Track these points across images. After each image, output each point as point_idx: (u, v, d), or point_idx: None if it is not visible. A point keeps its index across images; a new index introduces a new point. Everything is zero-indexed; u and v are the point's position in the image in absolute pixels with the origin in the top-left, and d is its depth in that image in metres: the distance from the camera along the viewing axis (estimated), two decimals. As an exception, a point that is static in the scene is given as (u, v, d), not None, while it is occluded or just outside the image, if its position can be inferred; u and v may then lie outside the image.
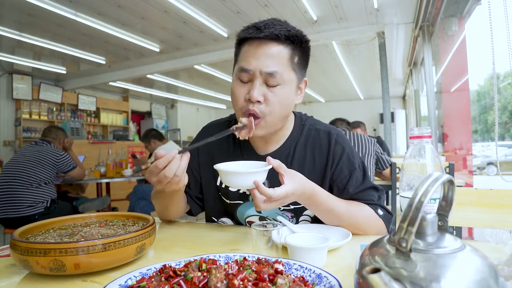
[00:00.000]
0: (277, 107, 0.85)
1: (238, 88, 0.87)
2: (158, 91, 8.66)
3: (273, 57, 0.83)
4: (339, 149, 0.95)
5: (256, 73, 0.83)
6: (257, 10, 4.01)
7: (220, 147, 1.04)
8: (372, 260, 0.41)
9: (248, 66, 0.84)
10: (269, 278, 0.49)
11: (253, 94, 0.82)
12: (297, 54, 0.87)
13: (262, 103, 0.84)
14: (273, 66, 0.83)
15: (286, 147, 0.98)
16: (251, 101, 0.84)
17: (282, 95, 0.85)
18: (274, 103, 0.84)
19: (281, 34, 0.83)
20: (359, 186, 0.94)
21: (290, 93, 0.87)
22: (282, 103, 0.85)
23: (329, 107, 10.46)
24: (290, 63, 0.85)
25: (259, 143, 0.99)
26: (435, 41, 4.20)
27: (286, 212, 0.98)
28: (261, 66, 0.83)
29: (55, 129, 3.30)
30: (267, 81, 0.84)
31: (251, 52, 0.85)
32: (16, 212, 2.64)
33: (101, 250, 0.61)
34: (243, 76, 0.85)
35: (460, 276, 0.36)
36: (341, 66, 6.53)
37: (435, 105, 4.26)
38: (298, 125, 1.00)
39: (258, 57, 0.83)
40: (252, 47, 0.85)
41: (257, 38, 0.84)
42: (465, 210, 1.05)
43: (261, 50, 0.83)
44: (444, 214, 0.46)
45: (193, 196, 1.07)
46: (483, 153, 6.35)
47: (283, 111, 0.87)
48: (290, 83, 0.86)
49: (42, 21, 4.14)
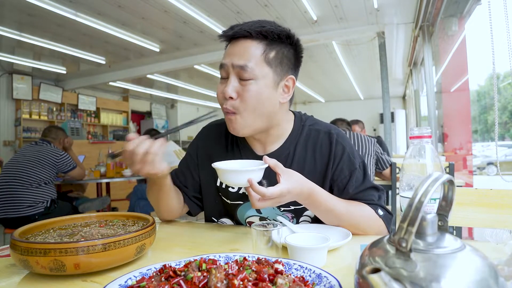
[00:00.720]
0: (251, 102, 0.85)
1: (219, 86, 0.89)
2: (158, 91, 8.65)
3: (244, 52, 0.85)
4: (339, 149, 0.95)
5: (229, 68, 0.86)
6: (257, 10, 4.01)
7: (219, 149, 1.04)
8: (372, 260, 0.41)
9: (223, 61, 0.87)
10: (269, 278, 0.49)
11: (227, 90, 0.84)
12: (274, 49, 0.87)
13: (235, 99, 0.85)
14: (243, 59, 0.84)
15: (285, 147, 0.97)
16: (225, 98, 0.86)
17: (254, 90, 0.84)
18: (247, 98, 0.84)
19: (252, 30, 0.85)
20: (360, 186, 0.93)
21: (265, 89, 0.86)
22: (256, 98, 0.85)
23: (329, 107, 10.46)
24: (263, 58, 0.85)
25: (256, 144, 0.99)
26: (435, 41, 4.20)
27: (287, 212, 0.98)
28: (233, 60, 0.85)
29: (55, 129, 3.30)
30: (240, 76, 0.85)
31: (227, 50, 0.89)
32: (16, 212, 2.64)
33: (101, 250, 0.61)
34: (221, 72, 0.89)
35: (460, 276, 0.36)
36: (341, 66, 6.53)
37: (435, 105, 4.26)
38: (298, 126, 0.99)
39: (231, 53, 0.87)
40: (229, 45, 0.90)
41: (229, 36, 0.88)
42: (465, 210, 1.05)
43: (234, 47, 0.87)
44: (444, 214, 0.46)
45: (190, 196, 1.07)
46: (483, 153, 6.35)
47: (260, 107, 0.86)
48: (264, 78, 0.85)
49: (42, 21, 4.13)
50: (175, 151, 3.87)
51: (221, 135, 1.05)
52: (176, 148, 3.94)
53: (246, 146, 1.01)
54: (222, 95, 0.86)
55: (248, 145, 1.01)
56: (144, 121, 9.38)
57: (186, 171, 1.08)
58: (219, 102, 0.89)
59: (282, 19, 4.30)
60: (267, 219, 0.99)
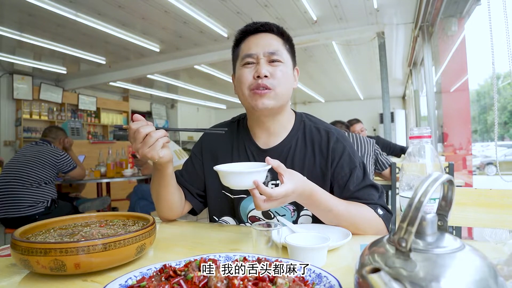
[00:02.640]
0: (282, 80, 0.96)
1: (245, 71, 0.98)
2: (158, 91, 8.66)
3: (272, 42, 0.99)
4: (340, 147, 0.98)
5: (259, 55, 0.97)
6: (257, 10, 4.01)
7: (223, 144, 1.09)
8: (372, 260, 0.41)
9: (252, 51, 0.97)
10: (269, 278, 0.49)
11: (261, 70, 0.94)
12: (287, 44, 1.03)
13: (269, 77, 0.95)
14: (273, 46, 0.98)
15: (287, 141, 1.03)
16: (260, 78, 0.95)
17: (284, 71, 0.97)
18: (279, 77, 0.96)
19: (274, 27, 1.01)
20: (360, 183, 0.96)
21: (289, 72, 1.01)
22: (285, 77, 0.97)
23: (329, 107, 10.46)
24: (284, 48, 1.01)
25: (262, 136, 1.05)
26: (435, 41, 4.20)
27: (288, 205, 1.00)
28: (264, 48, 0.97)
29: (55, 129, 3.30)
30: (270, 59, 0.97)
31: (252, 41, 0.99)
32: (17, 212, 2.65)
33: (102, 250, 0.61)
34: (248, 60, 0.98)
35: (460, 275, 0.36)
36: (341, 66, 6.53)
37: (434, 105, 4.26)
38: (299, 122, 1.06)
39: (259, 43, 0.98)
40: (252, 38, 1.00)
41: (255, 30, 1.01)
42: (465, 210, 1.05)
43: (260, 38, 0.99)
44: (444, 214, 0.46)
45: (194, 193, 1.10)
46: (483, 153, 6.35)
47: (287, 85, 0.99)
48: (287, 62, 1.00)
49: (42, 21, 4.14)
50: (175, 151, 3.87)
51: (224, 134, 1.09)
52: (176, 148, 3.94)
53: (251, 141, 1.06)
54: (255, 75, 0.95)
55: (252, 140, 1.06)
56: (144, 121, 9.37)
57: (191, 169, 1.12)
58: (247, 84, 0.97)
59: (282, 19, 4.31)
60: (269, 212, 1.02)
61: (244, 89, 0.97)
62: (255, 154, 1.04)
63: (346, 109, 9.98)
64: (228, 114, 11.54)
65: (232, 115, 1.13)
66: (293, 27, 4.59)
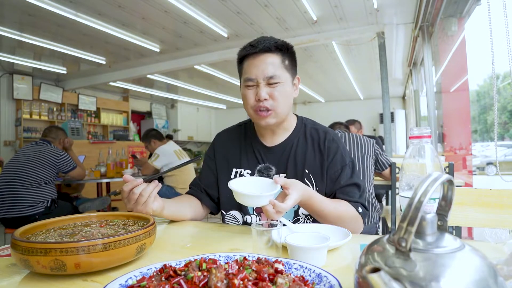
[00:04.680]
0: (281, 100, 1.05)
1: (248, 93, 1.07)
2: (158, 91, 8.65)
3: (270, 64, 1.05)
4: (334, 147, 1.12)
5: (259, 79, 1.04)
6: (257, 10, 4.01)
7: (232, 144, 1.22)
8: (372, 260, 0.41)
9: (252, 75, 1.05)
10: (269, 278, 0.49)
11: (261, 94, 1.03)
12: (286, 58, 1.08)
13: (269, 99, 1.05)
14: (271, 70, 1.04)
15: (290, 140, 1.15)
16: (260, 100, 1.04)
17: (282, 91, 1.05)
18: (278, 97, 1.05)
19: (271, 45, 1.05)
20: (347, 180, 1.09)
21: (288, 89, 1.08)
22: (283, 96, 1.06)
23: (329, 107, 10.46)
24: (282, 65, 1.07)
25: (267, 137, 1.17)
26: (435, 41, 4.20)
27: None
28: (262, 73, 1.04)
29: (55, 129, 3.30)
30: (269, 82, 1.04)
31: (252, 64, 1.06)
32: (17, 212, 2.65)
33: (102, 250, 0.61)
34: (249, 83, 1.06)
35: (460, 275, 0.36)
36: (341, 66, 6.53)
37: (434, 105, 4.26)
38: (300, 124, 1.19)
39: (258, 67, 1.05)
40: (251, 60, 1.07)
41: (254, 53, 1.06)
42: (465, 210, 1.05)
43: (259, 61, 1.05)
44: (444, 214, 0.46)
45: (215, 198, 1.19)
46: (483, 153, 6.35)
47: (286, 102, 1.08)
48: (286, 81, 1.07)
49: (42, 21, 4.14)
50: (175, 151, 3.88)
51: (233, 138, 1.23)
52: (176, 148, 3.94)
53: (257, 140, 1.18)
54: (257, 98, 1.04)
55: (259, 139, 1.18)
56: (144, 121, 9.38)
57: (207, 173, 1.22)
58: (250, 104, 1.07)
59: (282, 19, 4.31)
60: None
61: (248, 108, 1.08)
62: (262, 152, 1.15)
63: (346, 109, 9.97)
64: (228, 114, 11.54)
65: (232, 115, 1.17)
66: (293, 27, 4.59)
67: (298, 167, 1.11)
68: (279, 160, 1.13)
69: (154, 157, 3.71)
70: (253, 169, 1.14)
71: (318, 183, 1.09)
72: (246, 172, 1.15)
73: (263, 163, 1.14)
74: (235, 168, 1.17)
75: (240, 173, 1.16)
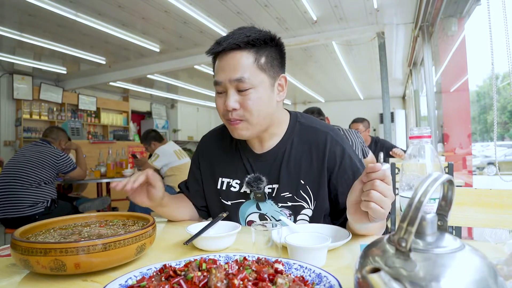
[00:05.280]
0: (254, 109, 0.89)
1: (218, 100, 0.93)
2: (158, 91, 8.65)
3: (237, 65, 0.87)
4: (339, 150, 0.97)
5: (226, 83, 0.88)
6: (257, 10, 4.01)
7: (218, 149, 1.10)
8: (372, 260, 0.41)
9: (219, 78, 0.89)
10: (269, 278, 0.49)
11: (228, 104, 0.88)
12: (263, 55, 0.90)
13: (239, 109, 0.89)
14: (239, 72, 0.87)
15: (282, 144, 1.00)
16: (228, 110, 0.89)
17: (255, 98, 0.88)
18: (250, 106, 0.88)
19: (240, 41, 0.87)
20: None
21: (264, 93, 0.90)
22: (257, 104, 0.89)
23: (329, 107, 10.43)
24: (256, 65, 0.88)
25: (255, 143, 1.03)
26: (435, 41, 4.20)
27: (284, 209, 0.99)
28: (229, 76, 0.87)
29: (56, 129, 3.30)
30: (238, 88, 0.88)
31: (219, 66, 0.90)
32: (17, 212, 2.65)
33: (102, 250, 0.61)
34: (218, 88, 0.91)
35: (460, 275, 0.36)
36: (341, 66, 6.53)
37: (434, 105, 4.25)
38: (293, 123, 1.03)
39: (224, 68, 0.88)
40: (219, 60, 0.91)
41: (219, 51, 0.89)
42: (465, 210, 1.05)
43: (225, 62, 0.89)
44: (444, 214, 0.46)
45: (199, 206, 1.14)
46: (483, 153, 6.35)
47: (263, 110, 0.91)
48: (261, 84, 0.89)
49: (42, 21, 4.14)
50: (175, 151, 3.87)
51: (220, 139, 1.11)
52: (176, 148, 3.94)
53: (245, 146, 1.05)
54: (225, 108, 0.89)
55: (247, 146, 1.05)
56: (144, 121, 9.37)
57: (193, 183, 1.14)
58: (220, 113, 0.93)
59: (282, 19, 4.30)
60: (265, 216, 1.01)
61: (221, 117, 0.94)
62: (250, 160, 1.03)
63: (346, 109, 9.97)
64: (228, 114, 11.51)
65: None
66: (293, 27, 4.59)
67: (292, 176, 0.97)
68: (270, 169, 0.98)
69: (154, 157, 3.71)
70: (241, 179, 1.02)
71: (316, 196, 0.96)
72: (235, 182, 1.04)
73: (252, 172, 1.01)
74: (222, 177, 1.06)
75: (228, 183, 1.05)
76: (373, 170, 0.66)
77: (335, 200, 0.98)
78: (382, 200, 0.67)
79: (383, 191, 0.67)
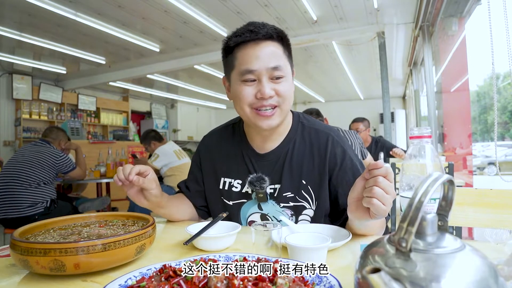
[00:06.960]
0: (287, 96, 0.92)
1: (245, 89, 0.91)
2: (158, 91, 8.65)
3: (273, 53, 0.90)
4: (340, 151, 0.98)
5: (261, 71, 0.88)
6: (257, 10, 4.01)
7: (219, 149, 1.10)
8: (372, 260, 0.41)
9: (253, 66, 0.88)
10: (269, 278, 0.49)
11: (265, 91, 0.88)
12: (286, 48, 0.95)
13: (274, 96, 0.90)
14: (275, 61, 0.89)
15: (284, 144, 1.01)
16: (263, 98, 0.89)
17: (287, 86, 0.92)
18: (284, 93, 0.91)
19: (274, 33, 0.90)
20: None
21: (291, 82, 0.95)
22: (289, 92, 0.92)
23: (329, 107, 10.45)
24: (285, 56, 0.93)
25: (258, 143, 1.03)
26: (435, 41, 4.20)
27: (286, 209, 1.00)
28: (266, 64, 0.88)
29: (56, 129, 3.30)
30: (273, 76, 0.89)
31: (251, 54, 0.89)
32: (16, 212, 2.64)
33: (101, 250, 0.61)
34: (248, 77, 0.90)
35: (460, 276, 0.36)
36: (341, 66, 6.53)
37: (435, 105, 4.25)
38: (296, 124, 1.04)
39: (259, 56, 0.88)
40: (250, 49, 0.90)
41: (254, 40, 0.89)
42: (465, 210, 1.05)
43: (260, 50, 0.89)
44: (444, 214, 0.46)
45: (198, 206, 1.13)
46: (483, 153, 6.35)
47: (292, 98, 0.95)
48: (288, 74, 0.94)
49: (42, 21, 4.14)
50: (175, 151, 3.87)
51: (222, 139, 1.11)
52: (176, 148, 3.94)
53: (247, 146, 1.05)
54: (259, 95, 0.89)
55: (249, 146, 1.05)
56: (144, 121, 9.38)
57: (193, 182, 1.14)
58: (247, 103, 0.91)
59: (282, 19, 4.30)
60: (267, 216, 1.01)
61: (245, 107, 0.92)
62: (253, 160, 1.03)
63: (346, 109, 9.96)
64: (228, 114, 11.52)
65: (232, 115, 1.13)
66: (293, 27, 4.58)
67: (294, 177, 0.98)
68: (273, 169, 0.99)
69: (154, 157, 3.71)
70: (243, 179, 1.02)
71: (317, 196, 0.97)
72: (236, 182, 1.04)
73: (254, 172, 1.00)
74: (223, 177, 1.06)
75: (230, 183, 1.05)
76: (376, 167, 0.68)
77: (335, 200, 0.98)
78: (384, 196, 0.68)
79: (386, 187, 0.68)
